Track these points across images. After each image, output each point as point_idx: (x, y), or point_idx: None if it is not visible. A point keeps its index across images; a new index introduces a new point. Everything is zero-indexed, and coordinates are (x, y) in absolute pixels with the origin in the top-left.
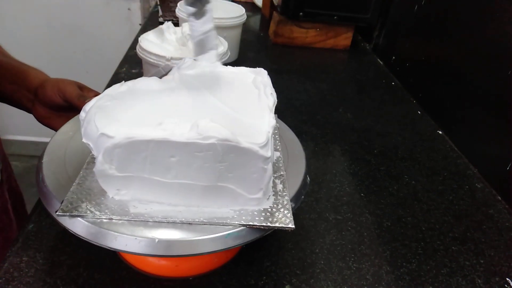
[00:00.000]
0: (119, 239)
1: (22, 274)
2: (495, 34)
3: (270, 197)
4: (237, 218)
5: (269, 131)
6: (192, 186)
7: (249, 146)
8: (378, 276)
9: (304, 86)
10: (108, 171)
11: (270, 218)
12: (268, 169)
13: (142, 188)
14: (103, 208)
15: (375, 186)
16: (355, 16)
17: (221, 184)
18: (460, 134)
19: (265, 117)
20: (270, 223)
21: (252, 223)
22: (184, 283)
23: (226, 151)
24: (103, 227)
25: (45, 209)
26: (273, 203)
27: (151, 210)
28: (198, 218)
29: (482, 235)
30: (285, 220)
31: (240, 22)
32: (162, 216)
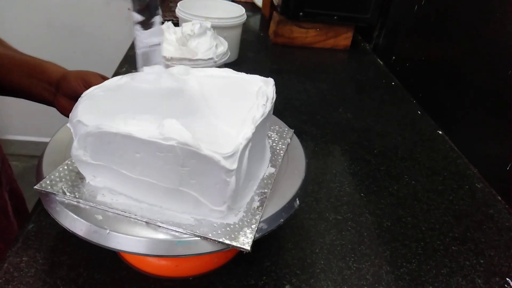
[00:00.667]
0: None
1: (22, 274)
2: (495, 34)
3: (240, 213)
4: (195, 227)
5: (242, 143)
6: (155, 185)
7: (210, 154)
8: (378, 276)
9: (304, 86)
10: (82, 157)
11: (229, 235)
12: (231, 182)
13: (112, 179)
14: (75, 190)
15: (375, 186)
16: (355, 16)
17: (183, 189)
18: (460, 134)
19: (244, 128)
20: (227, 240)
21: (205, 235)
22: (184, 283)
23: (186, 155)
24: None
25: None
26: (240, 220)
27: (115, 202)
28: (156, 218)
29: (482, 235)
30: (243, 240)
31: (240, 22)
32: (122, 209)
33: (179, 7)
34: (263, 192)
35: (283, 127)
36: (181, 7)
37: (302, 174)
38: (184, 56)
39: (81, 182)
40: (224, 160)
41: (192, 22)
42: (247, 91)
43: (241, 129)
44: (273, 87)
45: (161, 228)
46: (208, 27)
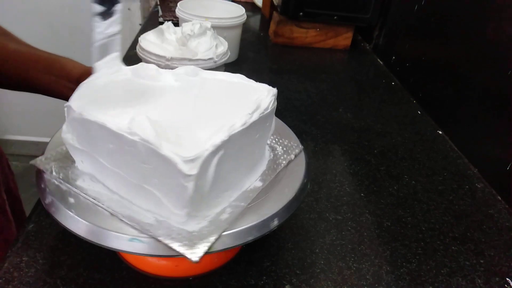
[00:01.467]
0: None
1: (22, 274)
2: (495, 34)
3: (204, 222)
4: (153, 227)
5: (208, 149)
6: (125, 179)
7: (169, 155)
8: (378, 276)
9: (304, 86)
10: (70, 141)
11: (182, 242)
12: (189, 187)
13: (94, 166)
14: (62, 172)
15: (375, 186)
16: (355, 16)
17: (147, 186)
18: (460, 134)
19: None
20: (178, 246)
21: (157, 237)
22: (184, 283)
23: (148, 152)
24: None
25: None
26: (201, 229)
27: (91, 189)
28: (120, 212)
29: (482, 235)
30: (194, 250)
31: (240, 22)
32: (93, 197)
33: (179, 7)
34: (238, 205)
35: (293, 142)
36: (181, 7)
37: (292, 194)
38: (184, 56)
39: (71, 165)
40: (182, 164)
41: (192, 22)
42: (248, 99)
43: (214, 135)
44: (272, 97)
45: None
46: (208, 27)
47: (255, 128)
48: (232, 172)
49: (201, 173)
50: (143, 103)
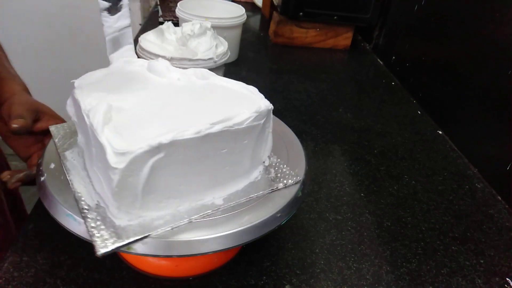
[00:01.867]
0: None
1: (22, 274)
2: (495, 34)
3: (134, 221)
4: (89, 210)
5: (142, 147)
6: (90, 157)
7: (104, 143)
8: (378, 276)
9: (304, 86)
10: (70, 114)
11: (100, 232)
12: (114, 180)
13: (81, 141)
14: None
15: (375, 186)
16: (355, 16)
17: (95, 169)
18: (460, 134)
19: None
20: (94, 233)
21: (85, 219)
22: (184, 283)
23: (93, 136)
24: None
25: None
26: (126, 227)
27: (71, 161)
28: (75, 189)
29: (482, 235)
30: (102, 243)
31: (240, 22)
32: (67, 168)
33: (179, 7)
34: (182, 216)
35: (296, 169)
36: (181, 7)
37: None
38: (184, 56)
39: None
40: (112, 155)
41: (192, 22)
42: (233, 110)
43: (159, 136)
44: (253, 113)
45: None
46: (208, 27)
47: (220, 141)
48: (182, 181)
49: (130, 170)
50: (130, 92)
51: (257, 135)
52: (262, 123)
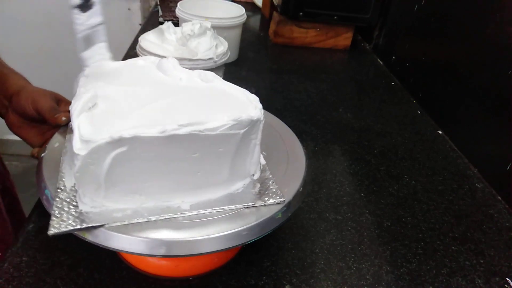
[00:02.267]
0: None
1: (22, 274)
2: (495, 34)
3: (97, 209)
4: (62, 191)
5: (104, 138)
6: None
7: (74, 128)
8: (378, 276)
9: (304, 86)
10: (75, 91)
11: (61, 214)
12: (76, 166)
13: None
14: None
15: (375, 186)
16: (355, 16)
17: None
18: (460, 134)
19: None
20: (54, 214)
21: (54, 199)
22: (184, 283)
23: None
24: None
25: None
26: (86, 213)
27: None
28: (61, 170)
29: (482, 235)
30: (57, 224)
31: (240, 22)
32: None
33: (179, 7)
34: (142, 214)
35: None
36: (181, 7)
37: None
38: (184, 56)
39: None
40: (77, 140)
41: (192, 22)
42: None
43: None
44: (231, 121)
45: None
46: (208, 27)
47: (190, 144)
48: (147, 178)
49: (92, 158)
50: (127, 85)
51: (236, 145)
52: (242, 133)
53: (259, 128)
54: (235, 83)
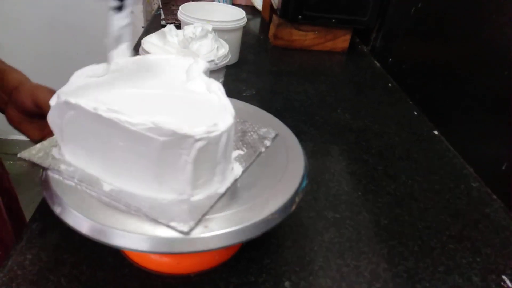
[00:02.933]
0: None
1: (26, 272)
2: (491, 36)
3: (58, 153)
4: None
5: (62, 98)
6: None
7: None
8: (376, 273)
9: (303, 87)
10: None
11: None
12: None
13: None
14: None
15: (373, 185)
16: (353, 18)
17: None
18: (456, 134)
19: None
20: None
21: None
22: (185, 279)
23: None
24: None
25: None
26: (56, 158)
27: None
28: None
29: (478, 234)
30: None
31: (241, 25)
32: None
33: (181, 10)
34: (72, 172)
35: (185, 225)
36: (183, 11)
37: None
38: None
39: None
40: (55, 94)
41: (193, 25)
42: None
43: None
44: (147, 121)
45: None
46: (209, 30)
47: (113, 130)
48: (86, 146)
49: (57, 112)
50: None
51: (157, 151)
52: (162, 140)
53: (192, 146)
54: (236, 85)
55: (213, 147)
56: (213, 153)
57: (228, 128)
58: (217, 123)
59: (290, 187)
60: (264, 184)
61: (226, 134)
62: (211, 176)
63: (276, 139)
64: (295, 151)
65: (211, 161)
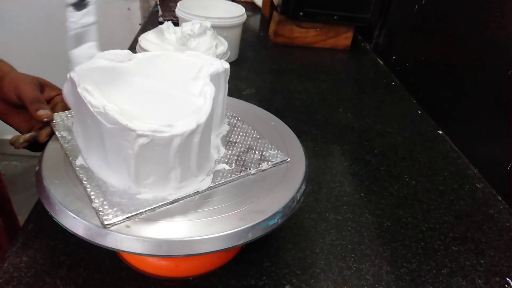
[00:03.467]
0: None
1: (22, 274)
2: (495, 34)
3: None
4: None
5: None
6: None
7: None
8: (378, 276)
9: (304, 86)
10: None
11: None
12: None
13: None
14: None
15: (375, 186)
16: (355, 16)
17: None
18: (460, 134)
19: None
20: None
21: None
22: (184, 283)
23: None
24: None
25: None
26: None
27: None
28: None
29: (482, 235)
30: None
31: (240, 22)
32: None
33: (179, 7)
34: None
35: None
36: (181, 7)
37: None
38: None
39: None
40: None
41: (192, 22)
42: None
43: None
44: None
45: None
46: (208, 27)
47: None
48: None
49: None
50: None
51: (107, 139)
52: (108, 127)
53: (135, 141)
54: (235, 83)
55: (162, 149)
56: (162, 154)
57: (183, 133)
58: (172, 124)
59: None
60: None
61: (180, 139)
62: (162, 179)
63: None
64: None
65: (161, 163)
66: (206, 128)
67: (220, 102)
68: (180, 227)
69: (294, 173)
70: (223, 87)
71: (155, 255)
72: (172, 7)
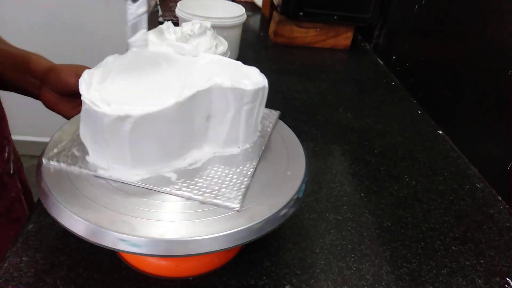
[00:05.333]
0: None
1: (22, 274)
2: (495, 34)
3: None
4: None
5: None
6: None
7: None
8: (378, 276)
9: (304, 86)
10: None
11: None
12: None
13: None
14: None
15: (375, 186)
16: (355, 16)
17: None
18: (460, 134)
19: None
20: None
21: None
22: (184, 283)
23: None
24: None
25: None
26: None
27: None
28: None
29: (482, 235)
30: None
31: (240, 22)
32: None
33: (179, 7)
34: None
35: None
36: (181, 7)
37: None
38: None
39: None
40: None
41: (192, 22)
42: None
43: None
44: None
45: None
46: (208, 27)
47: None
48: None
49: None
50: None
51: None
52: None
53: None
54: None
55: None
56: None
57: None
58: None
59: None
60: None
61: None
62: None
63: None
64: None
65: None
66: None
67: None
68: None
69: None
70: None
71: (155, 255)
72: (172, 7)
